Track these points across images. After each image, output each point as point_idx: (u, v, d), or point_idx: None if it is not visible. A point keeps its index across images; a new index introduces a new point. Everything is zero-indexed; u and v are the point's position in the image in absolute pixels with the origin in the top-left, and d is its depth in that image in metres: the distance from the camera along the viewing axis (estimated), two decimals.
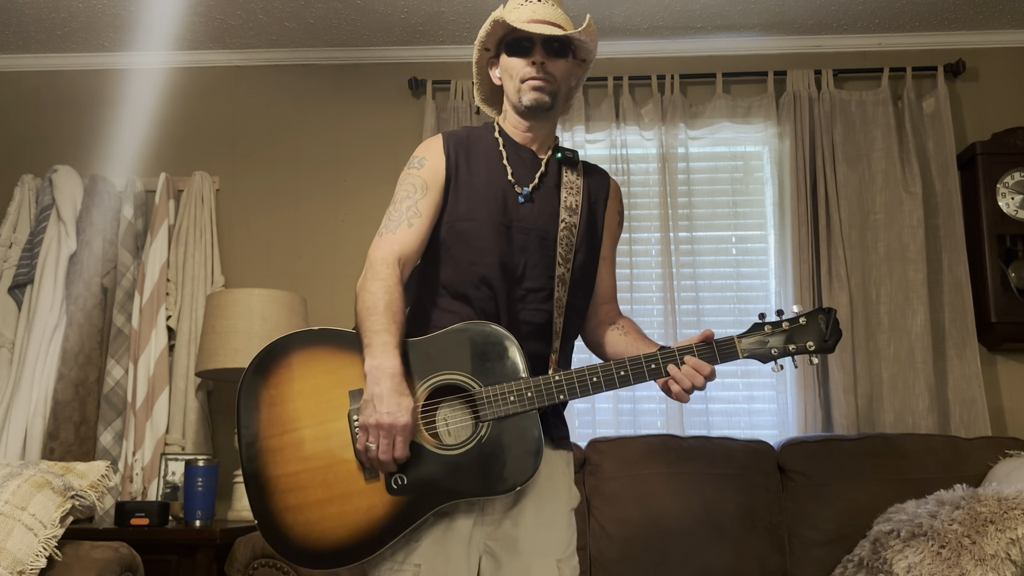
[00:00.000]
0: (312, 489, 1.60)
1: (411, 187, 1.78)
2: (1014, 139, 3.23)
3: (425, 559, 1.63)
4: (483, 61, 1.90)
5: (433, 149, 1.82)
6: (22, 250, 3.38)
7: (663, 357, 1.69)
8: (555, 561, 1.70)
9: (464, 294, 1.74)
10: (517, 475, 1.61)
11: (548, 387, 1.65)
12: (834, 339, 1.71)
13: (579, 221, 1.82)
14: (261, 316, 2.91)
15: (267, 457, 1.63)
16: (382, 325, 1.61)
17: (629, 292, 3.26)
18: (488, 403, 1.63)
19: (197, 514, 2.71)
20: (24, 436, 3.14)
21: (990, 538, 2.19)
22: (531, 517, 1.71)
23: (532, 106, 1.78)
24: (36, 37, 3.49)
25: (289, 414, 1.64)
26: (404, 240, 1.73)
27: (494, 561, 1.69)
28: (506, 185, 1.80)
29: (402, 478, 1.60)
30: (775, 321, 1.73)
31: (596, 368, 1.68)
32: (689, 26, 3.39)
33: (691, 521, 2.71)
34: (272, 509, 1.61)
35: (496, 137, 1.85)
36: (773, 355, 1.71)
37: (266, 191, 3.53)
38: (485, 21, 1.82)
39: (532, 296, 1.76)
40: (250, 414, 1.65)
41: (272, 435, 1.64)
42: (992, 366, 3.23)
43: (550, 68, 1.77)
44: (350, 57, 3.58)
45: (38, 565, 2.09)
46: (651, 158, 3.40)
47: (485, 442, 1.62)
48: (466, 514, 1.67)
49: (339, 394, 1.64)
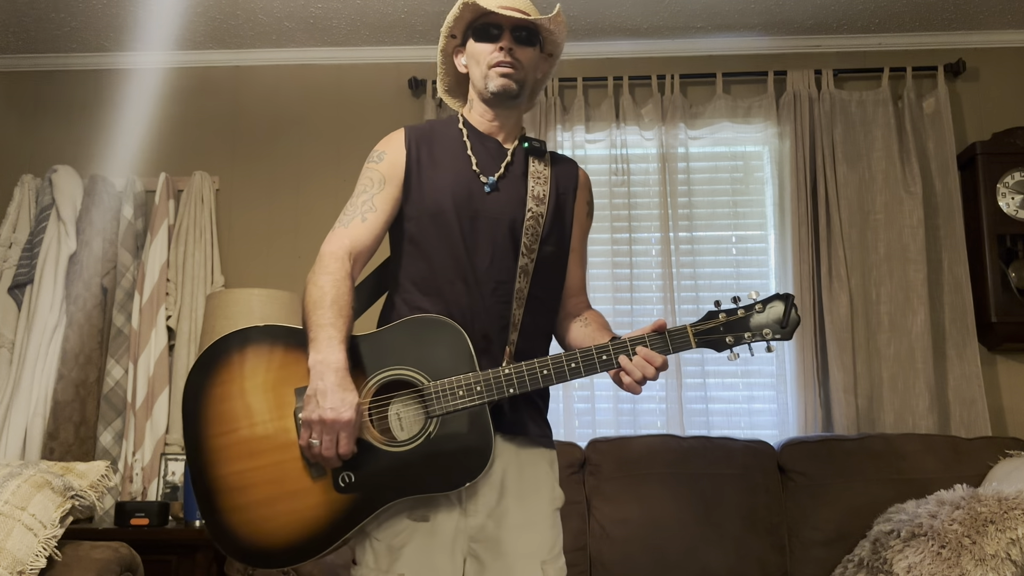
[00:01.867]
0: (259, 488, 1.57)
1: (368, 181, 1.78)
2: (1014, 139, 3.23)
3: (410, 567, 1.60)
4: (449, 49, 1.87)
5: (394, 143, 1.81)
6: (22, 250, 3.39)
7: (614, 348, 1.63)
8: (539, 563, 1.67)
9: (436, 288, 1.71)
10: (467, 472, 1.57)
11: (498, 380, 1.60)
12: (792, 326, 1.64)
13: (546, 211, 1.77)
14: (261, 316, 2.90)
15: (213, 455, 1.60)
16: (328, 319, 1.59)
17: (629, 292, 3.26)
18: (437, 398, 1.59)
19: (197, 514, 2.71)
20: (24, 436, 3.14)
21: (990, 538, 2.19)
22: (514, 518, 1.67)
23: (499, 92, 1.75)
24: (36, 37, 3.49)
25: (235, 412, 1.61)
26: (356, 234, 1.72)
27: (478, 563, 1.66)
28: (471, 176, 1.76)
29: (349, 476, 1.57)
30: (730, 308, 1.67)
31: (547, 361, 1.63)
32: (689, 26, 3.39)
33: (691, 521, 2.71)
34: (219, 508, 1.58)
35: (460, 128, 1.82)
36: (728, 343, 1.65)
37: (266, 191, 3.53)
38: (447, 15, 1.79)
39: (502, 288, 1.72)
40: (195, 412, 1.62)
41: (218, 433, 1.61)
42: (992, 366, 3.23)
43: (518, 55, 1.74)
44: (350, 57, 3.58)
45: (38, 565, 2.09)
46: (651, 158, 3.40)
47: (433, 438, 1.58)
48: (448, 516, 1.64)
49: (285, 391, 1.61)
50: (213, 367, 1.64)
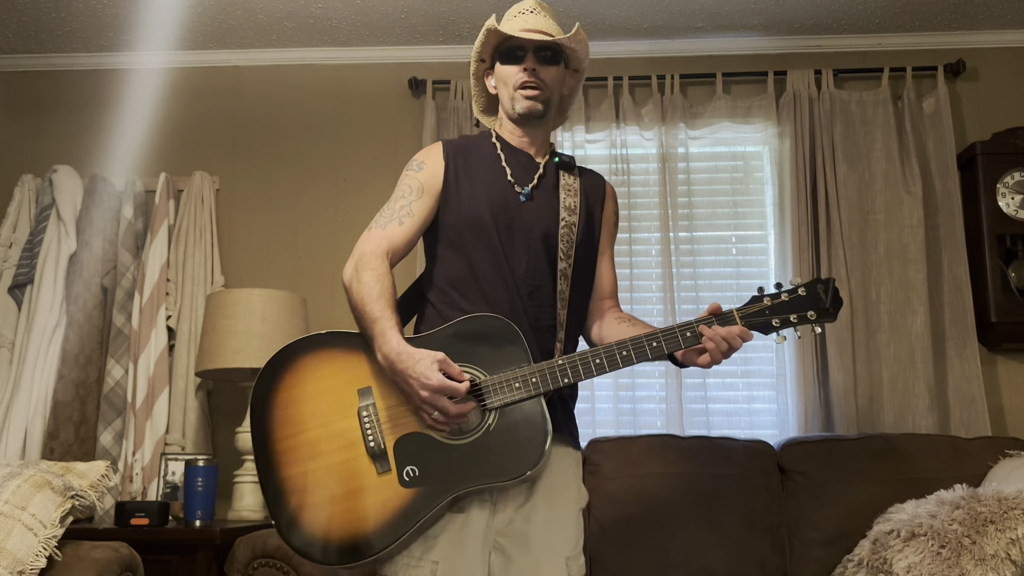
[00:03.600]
0: (326, 487, 1.64)
1: (407, 188, 1.84)
2: (1014, 139, 3.23)
3: (443, 556, 1.65)
4: (480, 72, 1.97)
5: (433, 154, 1.88)
6: (22, 250, 3.39)
7: (664, 335, 1.70)
8: (564, 559, 1.72)
9: (477, 289, 1.78)
10: (525, 462, 1.64)
11: (552, 371, 1.67)
12: (835, 307, 1.72)
13: (578, 220, 1.86)
14: (261, 316, 2.90)
15: (280, 458, 1.66)
16: (378, 311, 1.65)
17: (629, 292, 3.26)
18: (494, 391, 1.65)
19: (197, 514, 2.71)
20: (24, 436, 3.14)
21: (990, 538, 2.19)
22: (542, 513, 1.73)
23: (525, 113, 1.85)
24: (36, 37, 3.49)
25: (300, 415, 1.68)
26: (393, 236, 1.78)
27: (503, 557, 1.71)
28: (506, 185, 1.85)
29: (414, 470, 1.63)
30: (773, 293, 1.75)
31: (598, 350, 1.70)
32: (689, 26, 3.39)
33: (691, 521, 2.71)
34: (288, 508, 1.64)
35: (494, 142, 1.91)
36: (775, 326, 1.72)
37: (266, 191, 3.53)
38: (485, 22, 1.87)
39: (538, 292, 1.80)
40: (263, 417, 1.69)
41: (284, 436, 1.68)
42: (992, 366, 3.22)
43: (542, 75, 1.83)
44: (350, 57, 3.58)
45: (38, 565, 2.09)
46: (651, 158, 3.40)
47: (492, 431, 1.65)
48: (480, 509, 1.69)
49: (348, 393, 1.69)
50: (277, 375, 1.72)
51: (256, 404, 1.70)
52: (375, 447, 1.64)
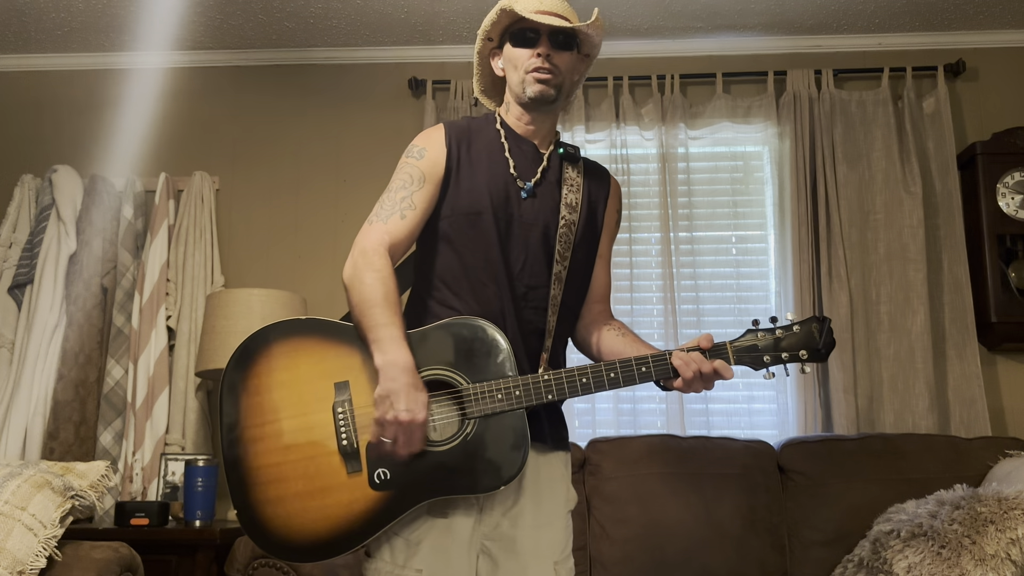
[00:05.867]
0: (293, 481, 1.57)
1: (408, 177, 1.75)
2: (1014, 139, 3.23)
3: (427, 564, 1.61)
4: (485, 51, 1.87)
5: (434, 140, 1.78)
6: (22, 250, 3.39)
7: (654, 361, 1.66)
8: (552, 564, 1.68)
9: (467, 288, 1.71)
10: (501, 474, 1.58)
11: (536, 386, 1.62)
12: (827, 348, 1.67)
13: (579, 219, 1.79)
14: (261, 316, 2.90)
15: (247, 447, 1.59)
16: (386, 318, 1.58)
17: (629, 292, 3.26)
18: (475, 400, 1.60)
19: (197, 514, 2.71)
20: (24, 436, 3.14)
21: (990, 538, 2.19)
22: (530, 518, 1.69)
23: (536, 98, 1.75)
24: (36, 37, 3.49)
25: (271, 404, 1.61)
26: (395, 231, 1.70)
27: (491, 562, 1.67)
28: (508, 178, 1.76)
29: (385, 473, 1.57)
30: (768, 328, 1.70)
31: (586, 369, 1.65)
32: (689, 26, 3.39)
33: (691, 521, 2.71)
34: (252, 501, 1.58)
35: (498, 129, 1.82)
36: (765, 362, 1.68)
37: (266, 191, 3.53)
38: (485, 18, 1.80)
39: (532, 294, 1.73)
40: (231, 403, 1.62)
41: (253, 425, 1.60)
42: (992, 366, 3.22)
43: (555, 60, 1.74)
44: (350, 57, 3.58)
45: (38, 565, 2.09)
46: (651, 158, 3.40)
47: (470, 439, 1.59)
48: (465, 515, 1.64)
49: (323, 385, 1.61)
50: (250, 359, 1.64)
51: (226, 388, 1.62)
52: (347, 446, 1.57)
